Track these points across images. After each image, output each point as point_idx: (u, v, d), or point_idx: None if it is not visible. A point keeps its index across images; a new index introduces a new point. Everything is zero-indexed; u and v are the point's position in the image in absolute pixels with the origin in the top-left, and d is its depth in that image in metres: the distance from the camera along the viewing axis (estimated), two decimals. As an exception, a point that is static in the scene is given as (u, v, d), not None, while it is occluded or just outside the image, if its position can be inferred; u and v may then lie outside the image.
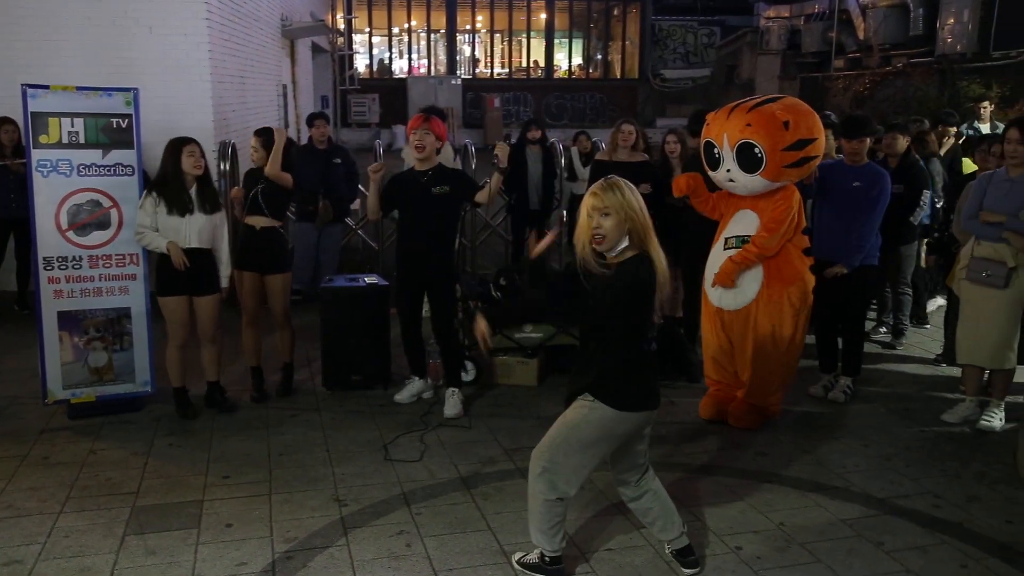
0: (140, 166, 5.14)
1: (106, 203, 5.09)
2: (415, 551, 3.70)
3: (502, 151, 5.04)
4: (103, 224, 5.10)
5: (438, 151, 5.24)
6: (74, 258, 5.07)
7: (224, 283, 5.26)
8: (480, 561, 3.63)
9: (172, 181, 4.95)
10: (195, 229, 5.00)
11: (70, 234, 5.05)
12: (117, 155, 5.08)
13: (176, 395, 5.22)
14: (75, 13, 7.64)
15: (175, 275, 4.97)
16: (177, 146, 4.98)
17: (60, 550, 3.68)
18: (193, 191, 5.00)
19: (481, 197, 5.12)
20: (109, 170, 5.08)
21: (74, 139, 5.00)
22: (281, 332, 5.60)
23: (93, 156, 5.04)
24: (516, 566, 3.58)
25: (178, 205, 4.94)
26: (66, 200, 5.01)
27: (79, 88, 5.04)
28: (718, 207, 5.15)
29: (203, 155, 5.07)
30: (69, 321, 5.09)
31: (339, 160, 7.80)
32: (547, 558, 3.49)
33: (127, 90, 5.12)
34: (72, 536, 3.80)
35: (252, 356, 5.54)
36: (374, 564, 3.60)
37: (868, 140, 5.44)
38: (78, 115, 4.99)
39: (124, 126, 5.08)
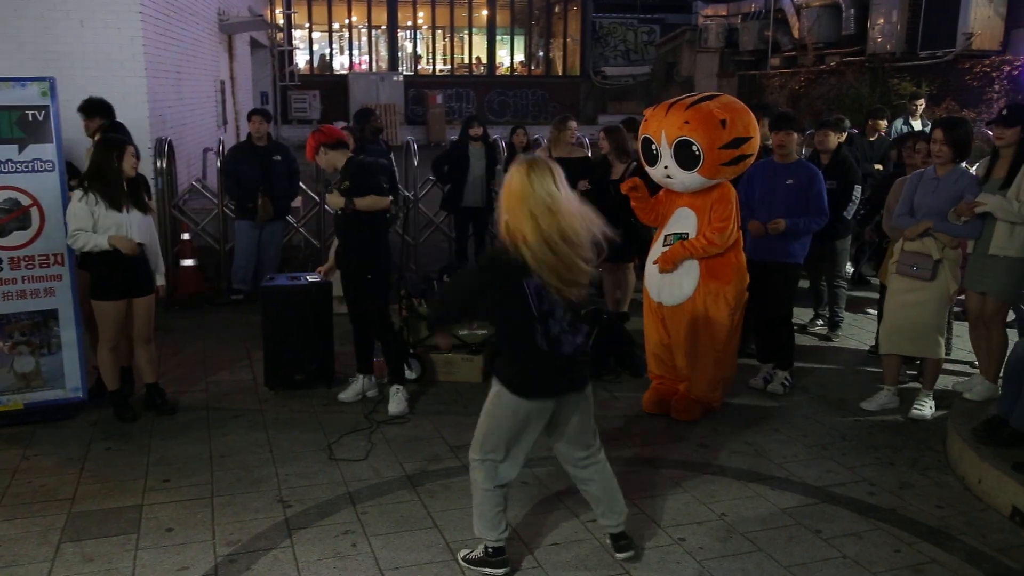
0: (61, 161, 4.88)
1: (25, 201, 4.83)
2: (361, 550, 3.69)
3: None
4: (23, 223, 4.84)
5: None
6: None
7: (160, 281, 5.16)
8: (427, 559, 3.63)
9: (111, 178, 4.83)
10: (135, 225, 4.90)
11: None
12: (35, 150, 4.80)
13: (113, 398, 5.10)
14: (4, 5, 7.39)
15: (112, 278, 4.87)
16: (120, 148, 4.87)
17: (-8, 560, 3.58)
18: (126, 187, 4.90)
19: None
20: (27, 166, 4.81)
21: None
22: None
23: (8, 151, 4.76)
24: (462, 563, 3.59)
25: (117, 201, 4.83)
26: None
27: None
28: (657, 211, 5.21)
29: (137, 155, 4.99)
30: None
31: (279, 157, 7.71)
32: (490, 549, 3.52)
33: (43, 79, 4.82)
34: (4, 545, 3.71)
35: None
36: (319, 565, 3.58)
37: (794, 135, 5.52)
38: None
39: (41, 118, 4.78)
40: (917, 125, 9.20)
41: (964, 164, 5.13)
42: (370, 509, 4.05)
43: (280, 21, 23.26)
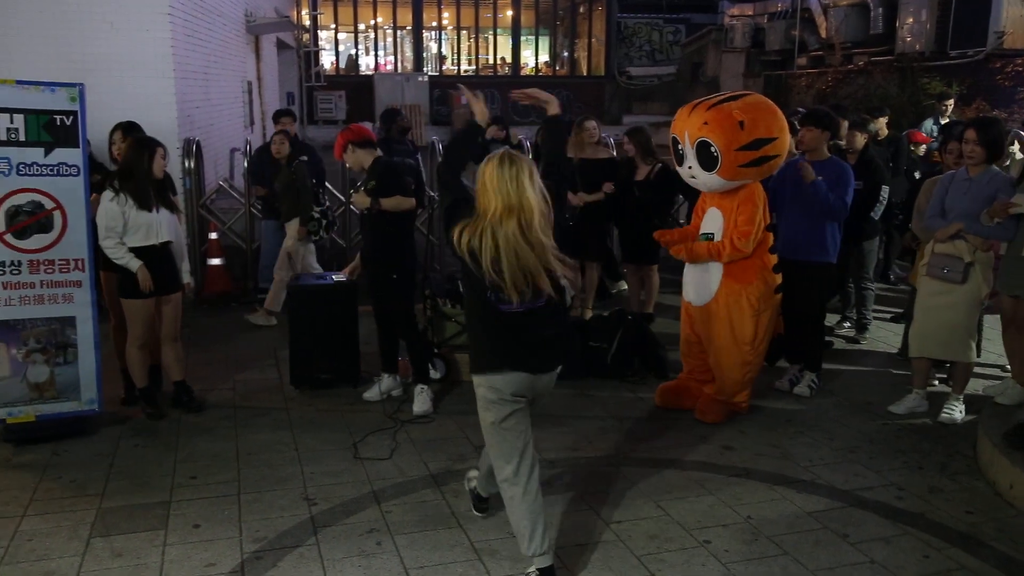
0: (86, 166, 4.86)
1: (49, 204, 4.75)
2: (386, 549, 3.71)
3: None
4: (45, 227, 4.76)
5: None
6: (12, 263, 4.70)
7: (187, 279, 5.23)
8: (451, 558, 3.64)
9: (141, 178, 4.91)
10: (163, 224, 4.98)
11: (8, 237, 4.69)
12: (61, 154, 4.75)
13: (142, 395, 5.16)
14: (30, 7, 7.52)
15: (152, 277, 4.96)
16: (151, 147, 4.96)
17: (24, 554, 3.64)
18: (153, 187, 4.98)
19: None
20: (52, 170, 4.74)
21: (14, 136, 4.64)
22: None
23: (34, 154, 4.70)
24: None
25: (147, 201, 4.90)
26: (4, 201, 4.66)
27: (19, 82, 4.69)
28: (697, 216, 5.23)
29: (166, 156, 5.09)
30: (6, 331, 4.71)
31: (305, 158, 7.75)
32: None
33: (72, 85, 4.79)
34: (36, 539, 3.76)
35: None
36: (344, 563, 3.60)
37: (817, 131, 5.42)
38: (18, 111, 4.63)
39: (68, 123, 4.75)
40: None
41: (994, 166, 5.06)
42: (395, 508, 4.08)
43: (306, 22, 23.41)
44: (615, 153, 7.49)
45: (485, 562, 3.61)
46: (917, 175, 7.60)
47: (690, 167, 4.91)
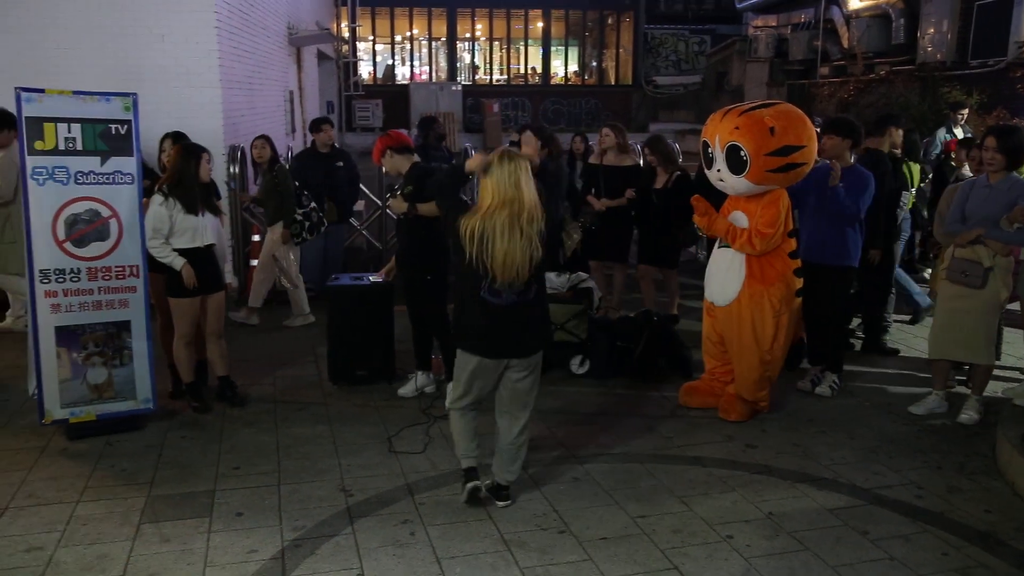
0: (140, 174, 4.95)
1: (105, 212, 4.84)
2: (419, 539, 3.82)
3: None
4: (102, 235, 4.85)
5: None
6: (72, 270, 4.80)
7: (229, 279, 5.40)
8: (481, 549, 3.75)
9: (188, 184, 5.10)
10: (208, 227, 5.20)
11: (68, 245, 4.77)
12: (116, 162, 4.82)
13: (189, 389, 5.36)
14: (89, 21, 7.79)
15: (196, 277, 5.15)
16: (197, 154, 5.16)
17: (79, 537, 3.81)
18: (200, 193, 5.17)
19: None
20: (108, 178, 4.82)
21: (71, 145, 4.71)
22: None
23: (91, 163, 4.77)
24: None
25: (193, 206, 5.10)
26: (63, 209, 4.74)
27: (76, 92, 4.76)
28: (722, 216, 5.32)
29: (211, 162, 5.29)
30: (67, 336, 4.83)
31: (342, 163, 7.99)
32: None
33: (126, 95, 4.87)
34: (90, 524, 3.93)
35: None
36: (379, 552, 3.71)
37: (838, 139, 5.49)
38: (75, 120, 4.70)
39: (123, 132, 4.82)
40: (959, 134, 9.14)
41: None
42: (427, 500, 4.19)
43: (345, 34, 23.74)
44: (642, 161, 7.62)
45: (514, 552, 3.71)
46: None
47: (719, 170, 5.02)
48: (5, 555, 3.67)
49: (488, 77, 32.52)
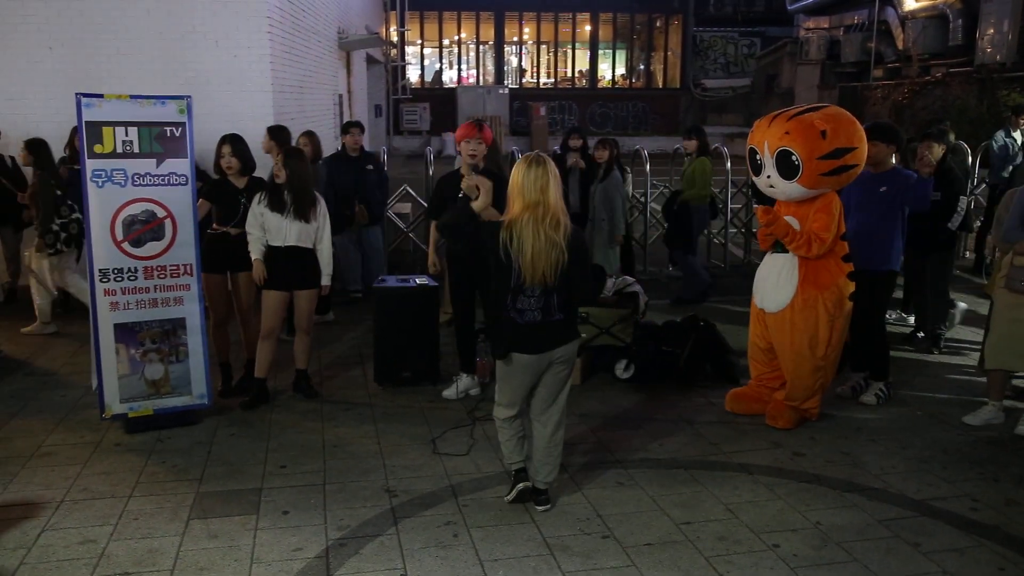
0: (193, 175, 5.08)
1: (160, 213, 4.99)
2: (462, 541, 3.83)
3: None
4: (157, 234, 5.00)
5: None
6: (130, 269, 4.96)
7: (326, 281, 5.50)
8: (524, 552, 3.75)
9: (273, 186, 5.31)
10: (294, 229, 5.28)
11: (126, 245, 4.94)
12: (171, 164, 4.97)
13: (258, 385, 5.50)
14: (148, 29, 8.01)
15: (278, 272, 5.30)
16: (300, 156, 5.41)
17: (130, 531, 3.90)
18: (288, 197, 5.26)
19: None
20: (163, 179, 4.97)
21: (128, 148, 4.86)
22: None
23: (147, 165, 4.92)
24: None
25: (279, 206, 5.25)
26: (121, 210, 4.90)
27: (133, 97, 4.92)
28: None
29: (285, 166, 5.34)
30: (125, 333, 4.99)
31: (371, 167, 8.05)
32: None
33: (180, 98, 5.01)
34: (141, 519, 4.02)
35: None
36: (422, 553, 3.73)
37: (882, 145, 5.39)
38: (132, 124, 4.85)
39: (178, 135, 4.96)
40: (1018, 138, 8.95)
41: None
42: (471, 502, 4.20)
43: (394, 38, 24.02)
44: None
45: (556, 556, 3.70)
46: None
47: (768, 176, 4.96)
48: (61, 547, 3.77)
49: (535, 80, 32.67)
